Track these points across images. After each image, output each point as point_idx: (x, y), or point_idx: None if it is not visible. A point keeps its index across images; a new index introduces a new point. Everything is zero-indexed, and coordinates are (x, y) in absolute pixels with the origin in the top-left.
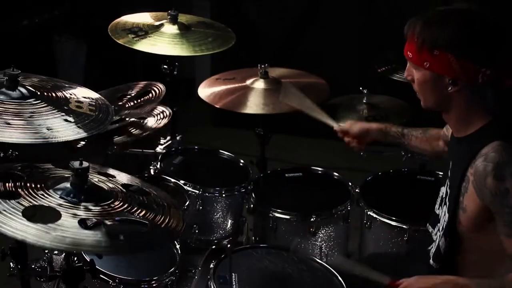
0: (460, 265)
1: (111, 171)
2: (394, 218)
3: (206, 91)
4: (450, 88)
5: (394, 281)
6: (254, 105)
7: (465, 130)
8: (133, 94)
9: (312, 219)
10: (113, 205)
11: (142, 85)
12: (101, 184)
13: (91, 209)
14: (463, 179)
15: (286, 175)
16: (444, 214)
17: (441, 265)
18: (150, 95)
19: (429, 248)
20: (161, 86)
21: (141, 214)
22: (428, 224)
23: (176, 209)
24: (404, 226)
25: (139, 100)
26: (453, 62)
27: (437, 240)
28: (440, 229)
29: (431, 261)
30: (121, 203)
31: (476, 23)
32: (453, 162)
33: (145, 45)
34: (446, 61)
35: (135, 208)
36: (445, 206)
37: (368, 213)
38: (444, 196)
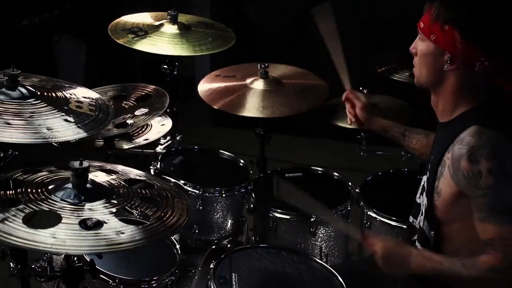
0: (448, 250)
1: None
2: (394, 218)
3: (205, 87)
4: (446, 66)
5: (366, 239)
6: (252, 108)
7: (450, 114)
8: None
9: (312, 219)
10: None
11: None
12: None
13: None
14: (439, 162)
15: (286, 175)
16: (424, 199)
17: (428, 249)
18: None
19: (414, 238)
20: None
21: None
22: (410, 215)
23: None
24: (404, 226)
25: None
26: (458, 40)
27: (419, 225)
28: (421, 214)
29: (419, 247)
30: None
31: (492, 11)
32: (434, 147)
33: (145, 45)
34: (452, 38)
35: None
36: (424, 191)
37: (368, 213)
38: (424, 183)
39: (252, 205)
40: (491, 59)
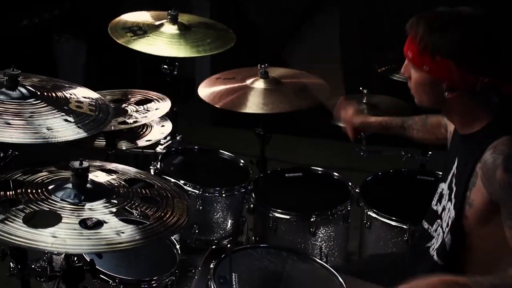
0: (465, 262)
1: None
2: (394, 218)
3: (206, 90)
4: (447, 94)
5: None
6: (253, 105)
7: (470, 128)
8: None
9: (312, 219)
10: None
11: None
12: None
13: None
14: (471, 174)
15: (286, 175)
16: (449, 211)
17: (446, 261)
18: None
19: (428, 245)
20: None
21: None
22: (424, 221)
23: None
24: (404, 226)
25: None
26: (453, 69)
27: (440, 237)
28: (445, 226)
29: (435, 257)
30: None
31: (481, 32)
32: (460, 159)
33: (144, 45)
34: (446, 68)
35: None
36: (449, 202)
37: (368, 213)
38: (446, 192)
39: (252, 205)
40: (490, 75)
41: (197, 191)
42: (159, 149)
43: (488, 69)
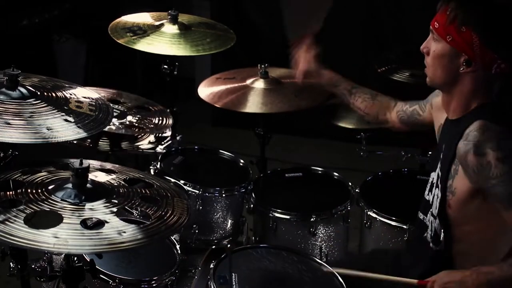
0: (456, 246)
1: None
2: (394, 218)
3: (206, 90)
4: (462, 68)
5: (422, 281)
6: (253, 105)
7: (460, 112)
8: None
9: (312, 219)
10: None
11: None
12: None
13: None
14: (452, 161)
15: (286, 175)
16: (437, 197)
17: (440, 247)
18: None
19: (425, 234)
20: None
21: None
22: (419, 212)
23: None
24: (404, 226)
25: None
26: (476, 43)
27: (433, 223)
28: (435, 212)
29: (431, 244)
30: None
31: (510, 14)
32: (445, 144)
33: (143, 45)
34: (469, 40)
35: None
36: (436, 189)
37: (368, 213)
38: (435, 180)
39: (252, 205)
40: (508, 62)
41: (197, 191)
42: (159, 149)
43: (508, 54)
